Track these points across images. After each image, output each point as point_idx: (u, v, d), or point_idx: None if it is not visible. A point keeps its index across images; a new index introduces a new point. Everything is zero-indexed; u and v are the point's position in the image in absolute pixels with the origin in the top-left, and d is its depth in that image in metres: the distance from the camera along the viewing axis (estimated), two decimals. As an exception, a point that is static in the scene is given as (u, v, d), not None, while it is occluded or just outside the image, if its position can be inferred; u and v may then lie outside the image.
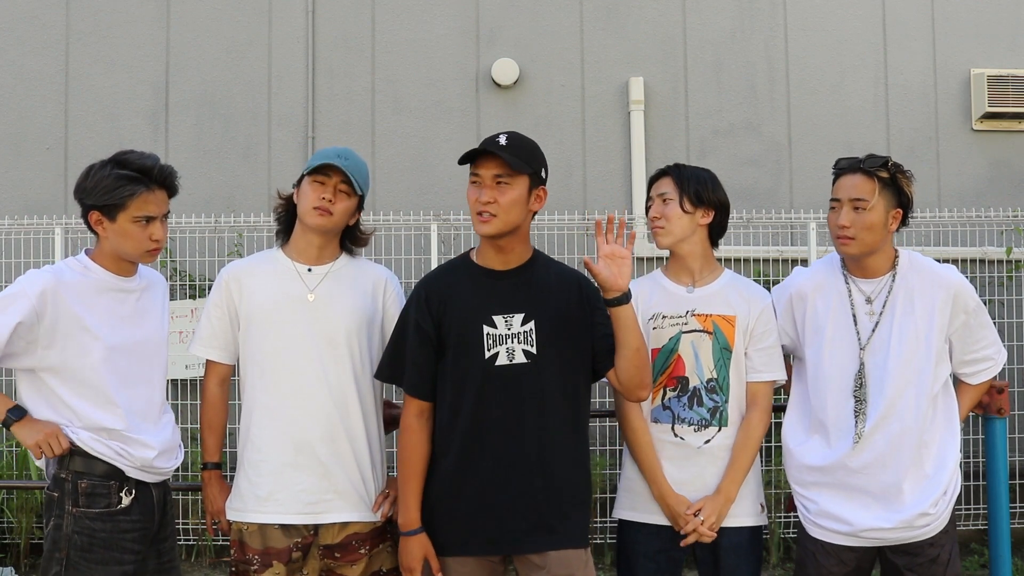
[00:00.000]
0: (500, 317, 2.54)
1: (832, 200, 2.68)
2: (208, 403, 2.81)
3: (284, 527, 2.63)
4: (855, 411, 2.62)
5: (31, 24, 6.44)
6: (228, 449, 2.89)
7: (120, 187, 2.51)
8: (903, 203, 2.66)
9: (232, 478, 2.78)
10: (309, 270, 2.74)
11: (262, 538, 2.64)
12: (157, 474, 2.65)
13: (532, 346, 2.53)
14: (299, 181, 2.75)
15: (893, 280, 2.67)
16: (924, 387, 2.61)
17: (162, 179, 2.59)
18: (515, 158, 2.49)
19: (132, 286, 2.67)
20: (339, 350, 2.69)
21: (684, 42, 6.53)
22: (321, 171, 2.66)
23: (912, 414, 2.60)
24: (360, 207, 2.80)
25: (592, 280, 2.60)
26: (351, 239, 2.84)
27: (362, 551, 2.68)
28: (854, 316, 2.67)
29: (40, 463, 2.64)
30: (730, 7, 6.55)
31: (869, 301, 2.67)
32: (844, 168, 2.68)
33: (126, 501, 2.56)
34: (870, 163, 2.63)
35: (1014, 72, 6.40)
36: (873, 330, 2.65)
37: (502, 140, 2.50)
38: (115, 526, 2.53)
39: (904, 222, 2.69)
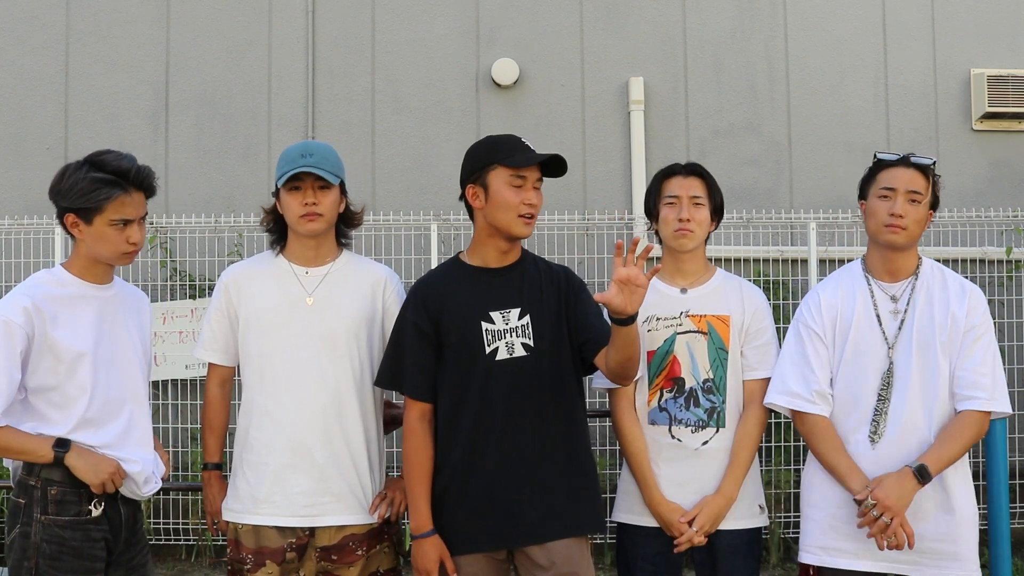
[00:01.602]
0: (497, 313, 2.59)
1: (885, 189, 2.66)
2: (209, 404, 2.81)
3: (279, 528, 2.64)
4: (875, 409, 2.61)
5: (31, 24, 6.43)
6: (228, 449, 2.89)
7: (96, 190, 2.44)
8: (935, 205, 2.73)
9: (230, 478, 2.78)
10: (307, 272, 2.74)
11: (256, 538, 2.65)
12: (128, 490, 2.56)
13: (530, 339, 2.58)
14: (276, 191, 2.73)
15: (916, 279, 2.69)
16: (941, 386, 2.60)
17: (139, 181, 2.51)
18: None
19: (107, 294, 2.60)
20: (338, 352, 2.69)
21: (684, 42, 6.53)
22: (292, 179, 2.64)
23: (929, 413, 2.59)
24: (343, 191, 2.78)
25: (576, 274, 2.73)
26: (345, 222, 2.83)
27: (359, 552, 2.67)
28: (878, 316, 2.67)
29: (8, 464, 2.58)
30: (730, 7, 6.55)
31: (894, 300, 2.68)
32: (893, 161, 2.70)
33: (96, 512, 2.48)
34: (922, 160, 2.68)
35: (1014, 72, 6.40)
36: (899, 328, 2.65)
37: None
38: (85, 534, 2.47)
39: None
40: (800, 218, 5.94)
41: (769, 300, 2.90)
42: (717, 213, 2.86)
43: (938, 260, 2.79)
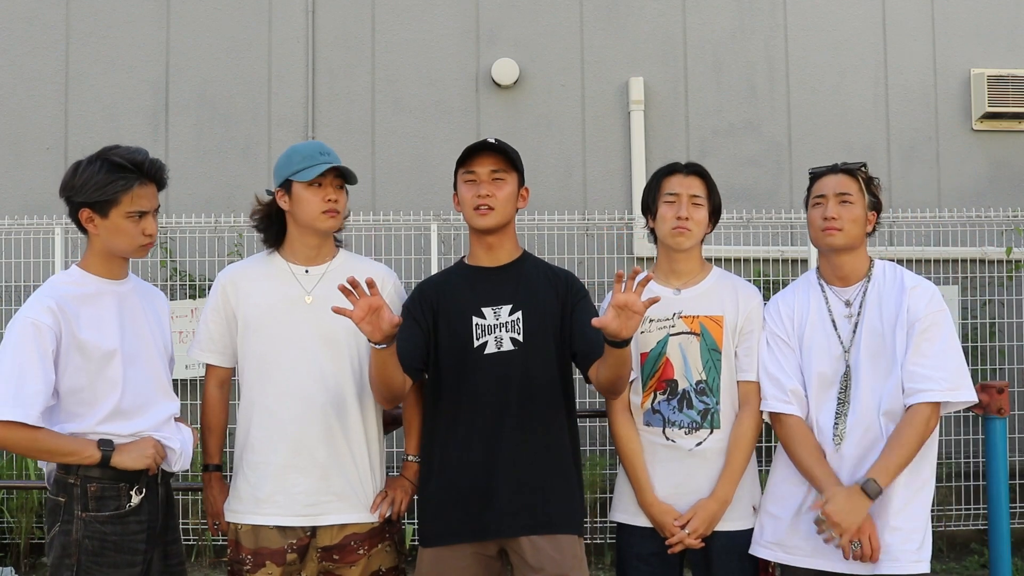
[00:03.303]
0: (489, 309, 2.66)
1: (816, 197, 2.77)
2: (208, 406, 2.81)
3: (281, 528, 2.63)
4: (836, 412, 2.64)
5: (31, 24, 6.44)
6: (228, 449, 2.88)
7: (112, 182, 2.45)
8: (876, 207, 2.78)
9: (231, 478, 2.78)
10: (306, 271, 2.74)
11: (255, 538, 2.64)
12: (165, 464, 2.57)
13: (519, 334, 2.63)
14: (286, 186, 2.71)
15: (868, 282, 2.71)
16: (895, 387, 2.59)
17: (153, 173, 2.54)
18: (508, 154, 2.68)
19: (125, 289, 2.60)
20: (339, 350, 2.69)
21: (684, 42, 6.53)
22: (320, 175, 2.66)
23: (880, 415, 2.60)
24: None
25: (578, 278, 2.78)
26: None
27: (361, 552, 2.67)
28: (833, 321, 2.70)
29: (42, 465, 2.59)
30: (730, 7, 6.55)
31: (848, 304, 2.71)
32: (823, 171, 2.80)
33: (136, 500, 2.49)
34: (849, 165, 2.78)
35: (1014, 72, 6.41)
36: (853, 332, 2.67)
37: (491, 140, 2.68)
38: (125, 528, 2.48)
39: (874, 228, 2.80)
40: (800, 218, 5.93)
41: (768, 300, 2.89)
42: (715, 214, 2.86)
43: (938, 260, 2.79)
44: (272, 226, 2.78)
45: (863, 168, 2.77)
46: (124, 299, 2.59)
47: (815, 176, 2.82)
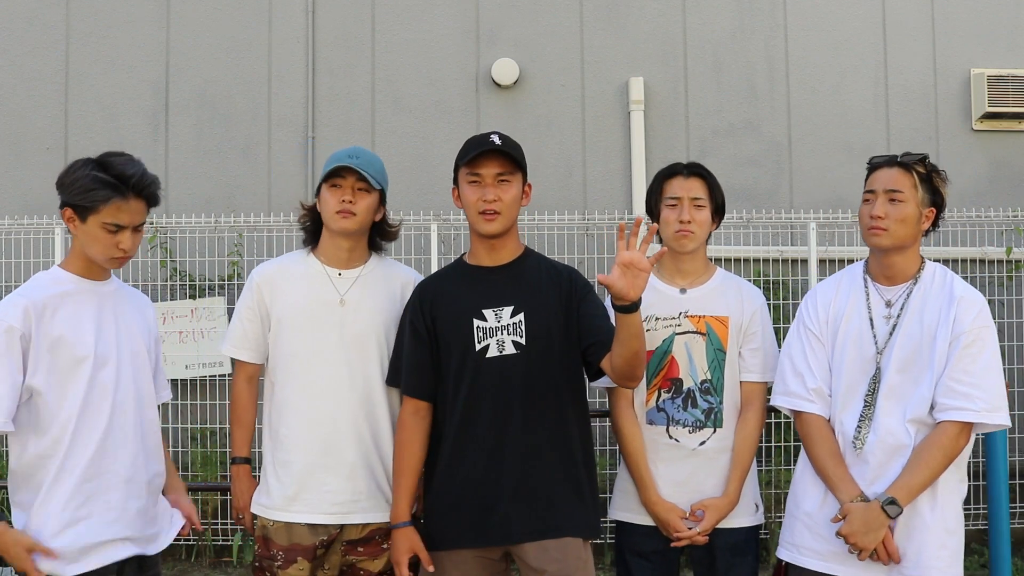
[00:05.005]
0: (490, 311, 2.60)
1: (866, 192, 2.61)
2: (237, 400, 2.85)
3: (311, 525, 2.67)
4: (861, 415, 2.53)
5: (31, 24, 6.44)
6: (255, 449, 2.90)
7: (93, 190, 2.42)
8: (937, 203, 2.60)
9: (259, 473, 2.81)
10: (339, 274, 2.76)
11: (288, 534, 2.67)
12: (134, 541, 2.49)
13: (522, 337, 2.57)
14: (318, 191, 2.76)
15: (914, 284, 2.58)
16: (923, 397, 2.48)
17: (140, 189, 2.47)
18: (515, 157, 2.59)
19: (106, 290, 2.57)
20: (368, 353, 2.72)
21: (684, 42, 6.53)
22: (335, 175, 2.68)
23: (906, 422, 2.48)
24: (383, 201, 2.81)
25: (582, 274, 2.71)
26: (380, 234, 2.86)
27: (385, 546, 2.71)
28: (871, 320, 2.58)
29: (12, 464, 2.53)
30: (730, 7, 6.55)
31: (889, 305, 2.58)
32: (880, 163, 2.63)
33: None
34: (907, 158, 2.59)
35: (1014, 72, 6.41)
36: (890, 334, 2.55)
37: (496, 140, 2.57)
38: None
39: (935, 224, 2.62)
40: (800, 218, 5.94)
41: (769, 300, 2.90)
42: (718, 213, 2.85)
43: (938, 260, 2.73)
44: (312, 227, 2.82)
45: (922, 161, 2.57)
46: (104, 299, 2.56)
47: (872, 167, 2.64)
